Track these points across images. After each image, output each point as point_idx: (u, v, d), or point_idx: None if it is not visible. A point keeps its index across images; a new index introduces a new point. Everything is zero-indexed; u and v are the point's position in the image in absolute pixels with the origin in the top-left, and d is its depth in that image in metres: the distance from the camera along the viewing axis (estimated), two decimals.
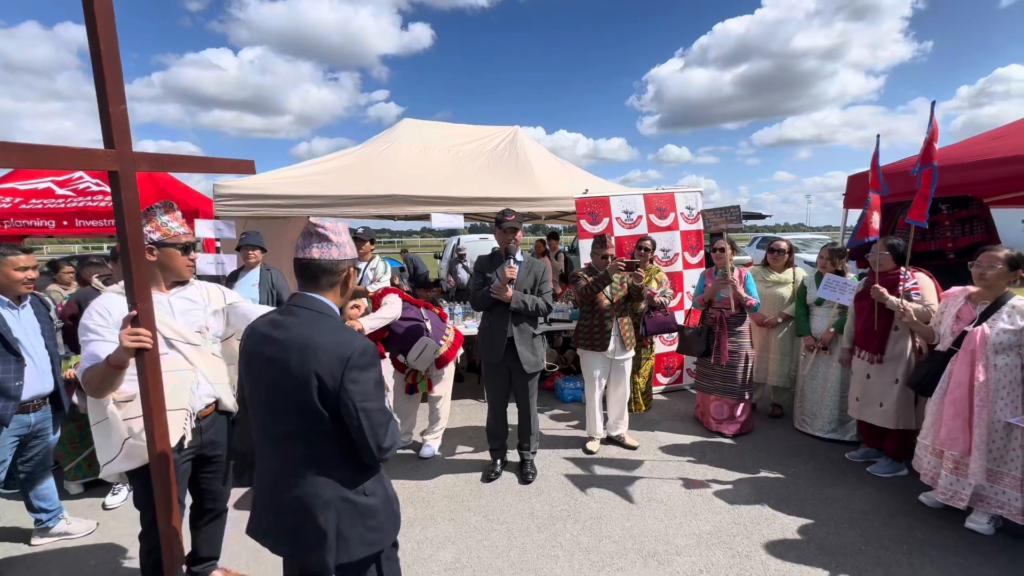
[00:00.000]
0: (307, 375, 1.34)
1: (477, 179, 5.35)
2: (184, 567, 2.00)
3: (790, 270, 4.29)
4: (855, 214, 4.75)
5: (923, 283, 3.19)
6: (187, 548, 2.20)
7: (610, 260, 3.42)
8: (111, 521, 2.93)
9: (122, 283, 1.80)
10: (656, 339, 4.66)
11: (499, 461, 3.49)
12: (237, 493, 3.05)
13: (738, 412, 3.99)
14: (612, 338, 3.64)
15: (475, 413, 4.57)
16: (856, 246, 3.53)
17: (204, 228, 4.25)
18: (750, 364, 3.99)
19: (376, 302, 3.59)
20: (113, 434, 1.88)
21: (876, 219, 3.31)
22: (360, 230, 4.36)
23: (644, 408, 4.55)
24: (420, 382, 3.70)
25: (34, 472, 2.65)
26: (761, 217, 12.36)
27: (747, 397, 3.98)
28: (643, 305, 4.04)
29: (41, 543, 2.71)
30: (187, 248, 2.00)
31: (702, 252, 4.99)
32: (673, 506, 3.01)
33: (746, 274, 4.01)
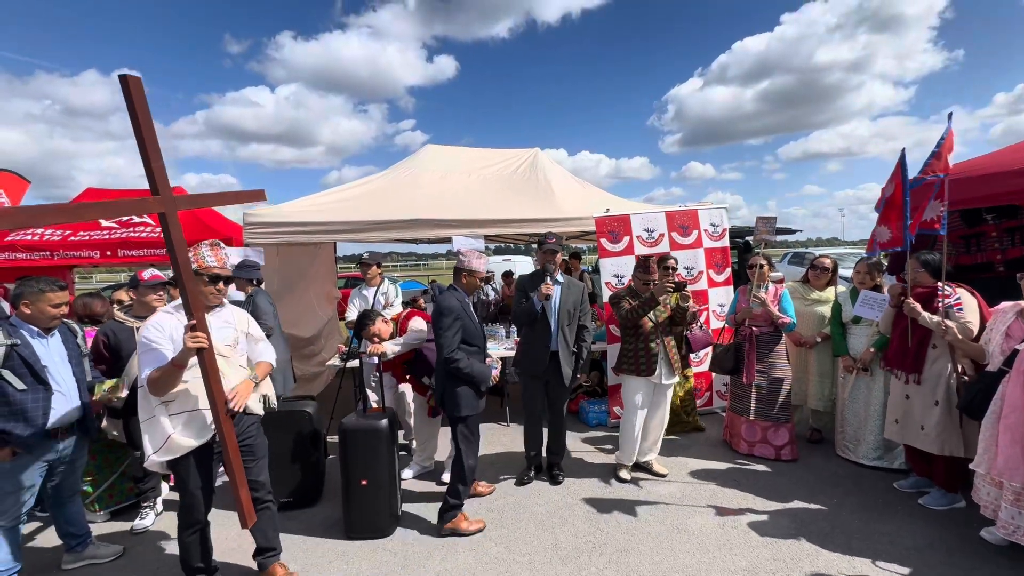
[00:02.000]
0: None
1: (498, 201, 5.38)
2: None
3: (831, 289, 4.10)
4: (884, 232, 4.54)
5: (965, 300, 2.98)
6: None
7: (652, 285, 3.44)
8: (138, 546, 2.97)
9: (172, 303, 2.35)
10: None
11: (533, 467, 3.69)
12: None
13: (774, 436, 3.79)
14: (659, 362, 3.50)
15: (497, 436, 4.48)
16: (918, 236, 3.28)
17: (233, 256, 4.39)
18: (786, 386, 3.79)
19: (403, 325, 3.60)
20: (158, 430, 2.23)
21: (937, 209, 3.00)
22: (365, 255, 4.39)
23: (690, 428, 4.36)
24: None
25: (63, 497, 2.70)
26: (791, 232, 12.01)
27: (786, 422, 3.78)
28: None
29: (71, 567, 2.76)
30: (214, 279, 2.35)
31: (729, 270, 4.85)
32: (705, 539, 2.85)
33: (782, 292, 3.85)
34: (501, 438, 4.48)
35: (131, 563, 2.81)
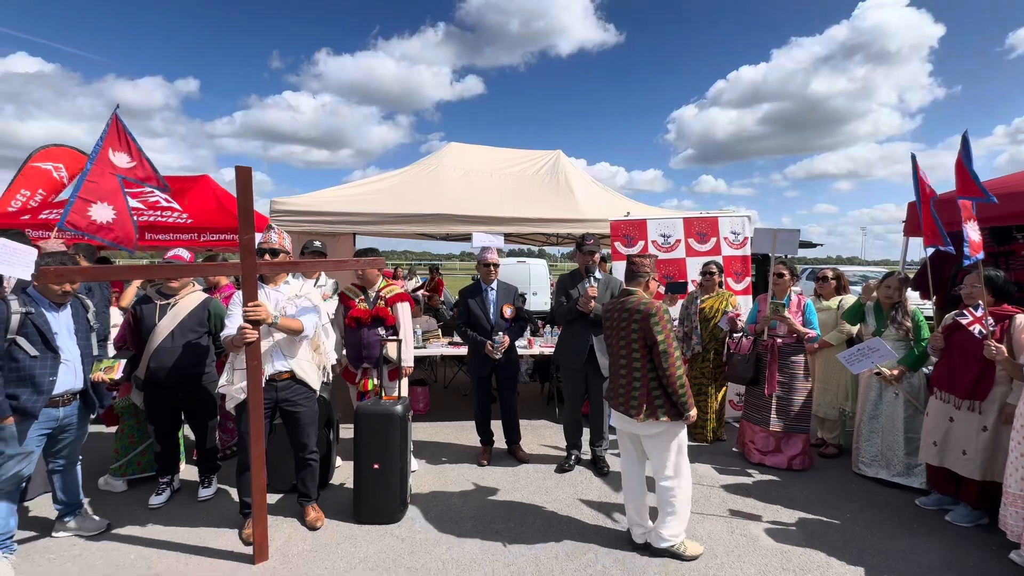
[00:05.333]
0: None
1: (518, 200, 5.42)
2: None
3: (837, 298, 4.11)
4: (916, 243, 4.48)
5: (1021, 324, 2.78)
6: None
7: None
8: (155, 519, 3.04)
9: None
10: None
11: (573, 456, 3.81)
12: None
13: (787, 445, 3.74)
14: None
15: (541, 431, 4.49)
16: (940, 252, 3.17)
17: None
18: (803, 397, 3.74)
19: (390, 303, 3.57)
20: (237, 378, 2.78)
21: (974, 231, 2.83)
22: (318, 243, 4.16)
23: (712, 439, 4.31)
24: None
25: (61, 465, 2.76)
26: (812, 246, 11.83)
27: (802, 432, 3.73)
28: (726, 328, 4.05)
29: (60, 535, 2.80)
30: (262, 253, 2.83)
31: (749, 279, 4.80)
32: (714, 544, 2.82)
33: (806, 303, 3.81)
34: (544, 432, 4.56)
35: (112, 539, 2.86)
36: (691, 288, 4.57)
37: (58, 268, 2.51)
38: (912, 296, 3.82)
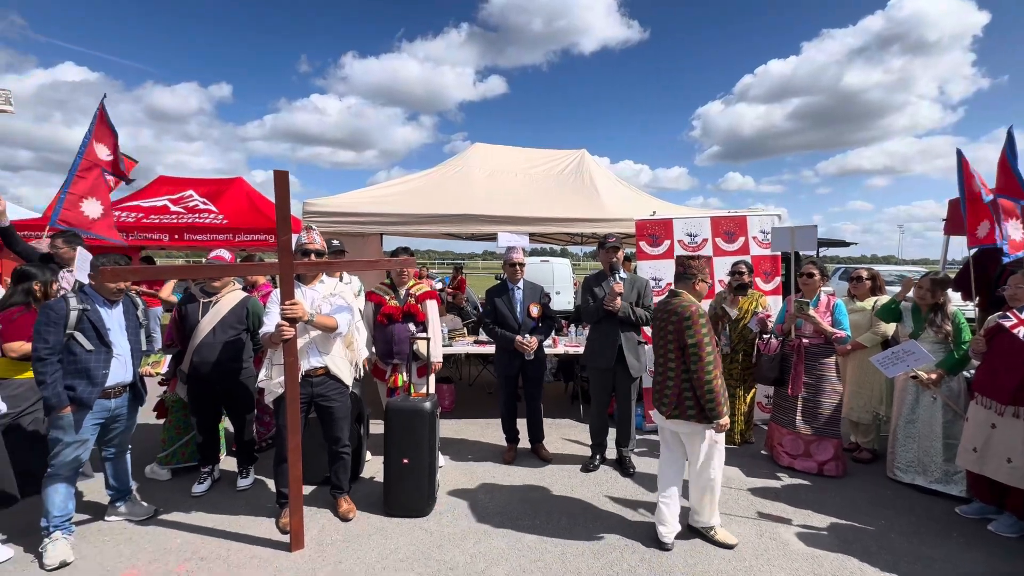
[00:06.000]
0: None
1: (543, 200, 5.45)
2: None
3: (872, 298, 4.00)
4: (958, 241, 4.32)
5: None
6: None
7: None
8: (197, 507, 3.19)
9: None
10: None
11: (598, 456, 3.83)
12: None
13: (818, 450, 3.66)
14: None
15: (565, 430, 4.53)
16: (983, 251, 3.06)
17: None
18: (832, 400, 3.66)
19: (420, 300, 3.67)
20: (275, 374, 2.89)
21: (1016, 230, 2.80)
22: (336, 243, 4.20)
23: (741, 441, 4.26)
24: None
25: (113, 453, 2.93)
26: (845, 244, 11.46)
27: (833, 436, 3.65)
28: (755, 329, 3.99)
29: (112, 519, 2.99)
30: (305, 253, 2.98)
31: (778, 279, 4.71)
32: (742, 547, 2.79)
33: (836, 303, 3.72)
34: (568, 431, 4.59)
35: (159, 524, 3.02)
36: (718, 288, 4.51)
37: (114, 268, 2.68)
38: (953, 297, 3.69)
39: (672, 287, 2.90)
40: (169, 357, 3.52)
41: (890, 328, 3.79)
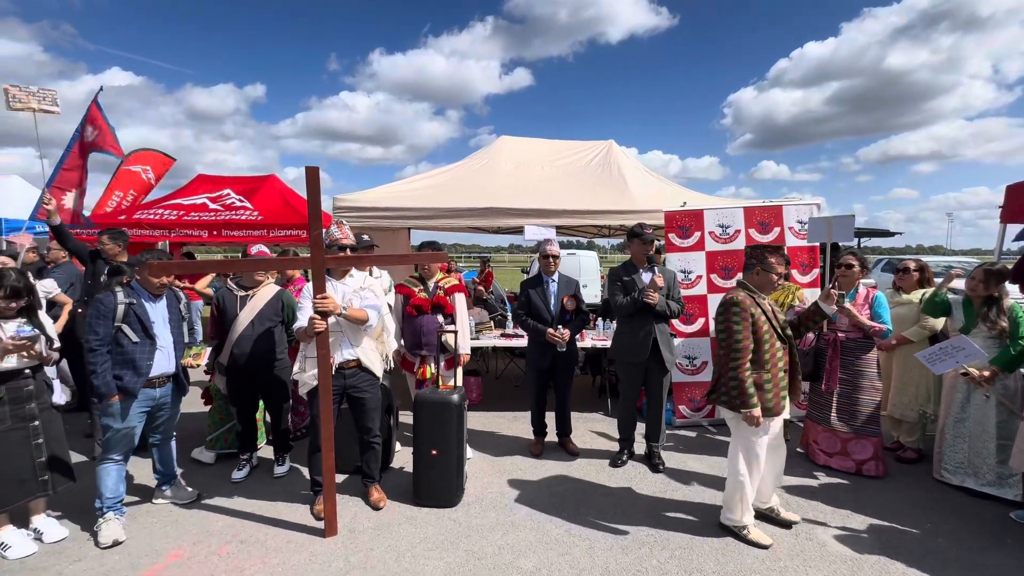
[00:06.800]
0: None
1: (571, 192, 5.39)
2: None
3: (919, 291, 3.79)
4: (1014, 230, 4.05)
5: None
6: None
7: (782, 280, 2.84)
8: (237, 492, 3.33)
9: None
10: None
11: (627, 451, 3.78)
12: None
13: (856, 449, 3.52)
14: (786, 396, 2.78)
15: (593, 424, 4.53)
16: None
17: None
18: (871, 397, 3.50)
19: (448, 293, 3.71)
20: (309, 366, 2.95)
21: None
22: (366, 237, 4.21)
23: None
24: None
25: (159, 440, 3.08)
26: (888, 234, 10.90)
27: (872, 435, 3.50)
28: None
29: (158, 502, 3.15)
30: (340, 249, 3.03)
31: (816, 271, 4.53)
32: (777, 547, 2.72)
33: (875, 295, 3.55)
34: (596, 425, 4.57)
35: (202, 508, 3.15)
36: None
37: (160, 262, 2.80)
38: (1011, 290, 3.46)
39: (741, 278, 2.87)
40: (209, 349, 3.67)
41: (939, 322, 3.59)
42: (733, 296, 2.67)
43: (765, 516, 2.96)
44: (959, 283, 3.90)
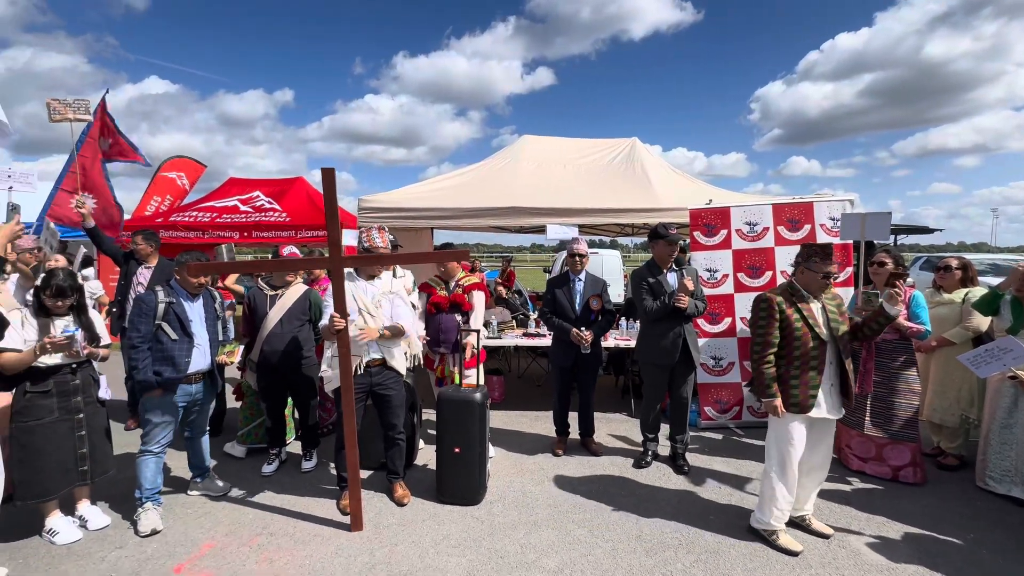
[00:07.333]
0: None
1: (594, 191, 5.35)
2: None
3: (962, 290, 3.61)
4: None
5: None
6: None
7: (831, 279, 2.64)
8: (266, 486, 3.43)
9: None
10: None
11: (651, 452, 3.74)
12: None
13: (892, 454, 3.39)
14: (827, 393, 2.65)
15: (615, 426, 4.50)
16: None
17: (348, 237, 4.85)
18: (908, 401, 3.36)
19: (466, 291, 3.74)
20: (335, 365, 2.96)
21: None
22: (391, 237, 4.33)
23: None
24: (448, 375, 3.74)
25: (193, 434, 3.19)
26: (927, 231, 10.44)
27: (910, 440, 3.36)
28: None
29: (192, 494, 3.26)
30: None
31: (849, 269, 4.38)
32: (807, 553, 2.64)
33: (912, 295, 3.40)
34: (619, 426, 4.53)
35: (233, 500, 3.26)
36: (781, 279, 4.26)
37: (199, 263, 2.91)
38: None
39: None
40: (242, 347, 3.79)
41: (984, 322, 3.42)
42: (764, 293, 2.76)
43: (796, 524, 2.86)
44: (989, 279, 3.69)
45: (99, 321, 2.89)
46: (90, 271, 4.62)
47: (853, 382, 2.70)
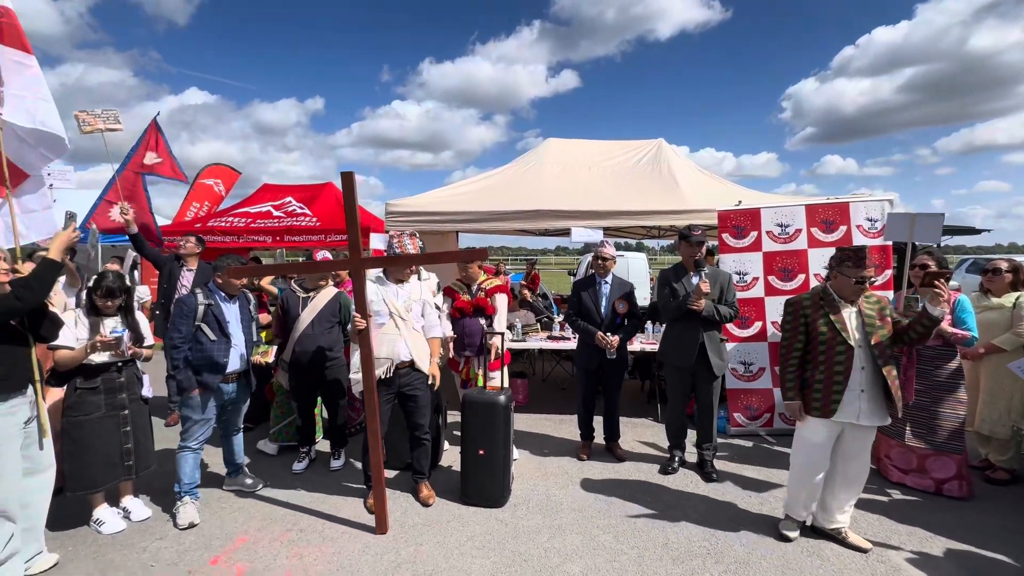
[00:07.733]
0: None
1: (619, 193, 5.31)
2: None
3: (1012, 294, 3.41)
4: None
5: None
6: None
7: (867, 284, 2.53)
8: (297, 483, 3.52)
9: (373, 274, 3.26)
10: None
11: (677, 458, 3.69)
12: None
13: (935, 467, 3.23)
14: (859, 399, 2.53)
15: (641, 431, 4.45)
16: None
17: (376, 241, 4.95)
18: (952, 411, 3.20)
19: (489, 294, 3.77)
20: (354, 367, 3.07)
21: None
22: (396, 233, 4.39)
23: None
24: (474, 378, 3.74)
25: (228, 432, 3.31)
26: (974, 232, 9.91)
27: (955, 452, 3.20)
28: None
29: (227, 489, 3.37)
30: None
31: (889, 272, 4.20)
32: (843, 567, 2.54)
33: (957, 299, 3.24)
34: (644, 431, 4.49)
35: (265, 497, 3.35)
36: (814, 282, 4.12)
37: (238, 267, 3.03)
38: None
39: None
40: (275, 348, 3.91)
41: None
42: (792, 297, 2.84)
43: (831, 537, 2.76)
44: None
45: (144, 322, 3.04)
46: (136, 276, 4.91)
47: (897, 389, 2.55)
